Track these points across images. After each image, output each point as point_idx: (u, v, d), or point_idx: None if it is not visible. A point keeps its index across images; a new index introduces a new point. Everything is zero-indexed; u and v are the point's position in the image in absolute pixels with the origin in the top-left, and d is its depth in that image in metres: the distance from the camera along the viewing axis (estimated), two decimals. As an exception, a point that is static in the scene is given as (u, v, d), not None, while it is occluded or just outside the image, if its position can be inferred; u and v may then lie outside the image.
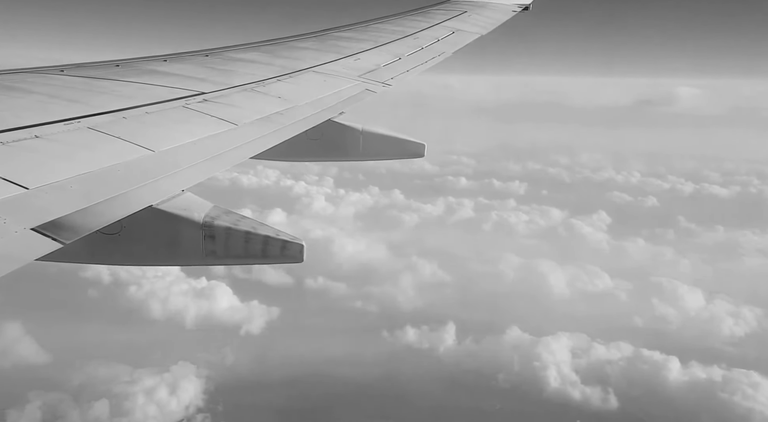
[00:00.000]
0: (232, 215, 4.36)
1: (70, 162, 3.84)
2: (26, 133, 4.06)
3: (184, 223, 4.16)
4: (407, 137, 7.64)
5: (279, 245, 4.34)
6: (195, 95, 5.88)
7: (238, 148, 5.01)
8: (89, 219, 3.30)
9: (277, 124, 5.78)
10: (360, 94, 7.51)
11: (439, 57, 10.00)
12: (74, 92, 5.38)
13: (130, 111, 5.04)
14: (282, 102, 6.41)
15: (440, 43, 10.78)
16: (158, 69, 6.80)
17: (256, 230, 4.31)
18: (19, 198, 3.20)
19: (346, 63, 8.67)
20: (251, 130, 5.43)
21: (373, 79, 8.19)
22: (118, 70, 6.52)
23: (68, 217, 3.20)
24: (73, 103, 5.02)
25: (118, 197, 3.65)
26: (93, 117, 4.68)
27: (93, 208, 3.41)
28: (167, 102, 5.51)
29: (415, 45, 10.38)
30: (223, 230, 4.24)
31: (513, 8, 14.11)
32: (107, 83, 5.88)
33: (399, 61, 9.33)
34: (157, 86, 6.03)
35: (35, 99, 4.98)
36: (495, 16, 13.26)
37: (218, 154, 4.76)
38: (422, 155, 7.67)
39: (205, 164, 4.54)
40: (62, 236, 3.02)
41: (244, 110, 5.86)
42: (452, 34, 11.53)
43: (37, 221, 3.04)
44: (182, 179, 4.24)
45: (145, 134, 4.64)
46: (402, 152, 7.69)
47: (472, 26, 12.32)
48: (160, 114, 5.19)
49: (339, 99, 7.13)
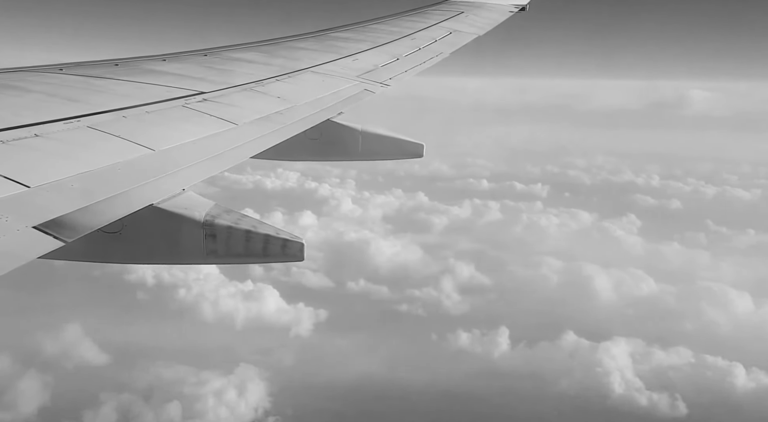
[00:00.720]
0: (233, 214, 4.36)
1: (71, 161, 3.83)
2: (26, 131, 4.05)
3: (185, 222, 4.15)
4: (406, 138, 7.65)
5: (279, 243, 4.34)
6: (194, 95, 5.88)
7: (238, 147, 5.01)
8: (90, 218, 3.30)
9: (277, 123, 5.78)
10: (358, 94, 7.52)
11: (436, 57, 10.01)
12: (74, 91, 5.37)
13: (129, 110, 5.03)
14: (281, 102, 6.42)
15: (438, 44, 10.79)
16: (157, 68, 6.79)
17: (257, 229, 4.32)
18: (20, 196, 3.20)
19: (344, 63, 8.68)
20: (251, 129, 5.43)
21: (372, 79, 8.20)
22: (117, 70, 6.51)
23: (69, 215, 3.20)
24: (72, 102, 5.01)
25: (119, 195, 3.64)
26: (93, 116, 4.67)
27: (94, 207, 3.40)
28: (167, 101, 5.50)
29: (412, 45, 10.39)
30: (224, 228, 4.24)
31: (510, 9, 14.14)
32: (106, 82, 5.87)
33: (397, 61, 9.34)
34: (157, 85, 6.02)
35: (35, 98, 4.97)
36: (492, 17, 13.29)
37: (218, 153, 4.76)
38: (421, 156, 7.67)
39: (206, 164, 4.54)
40: (64, 235, 3.02)
41: (244, 110, 5.86)
42: (449, 34, 11.54)
43: (39, 220, 3.04)
44: (183, 178, 4.24)
45: (145, 133, 4.64)
46: (401, 153, 7.69)
47: (469, 27, 12.34)
48: (159, 113, 5.19)
49: (338, 99, 7.13)
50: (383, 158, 7.78)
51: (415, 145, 7.64)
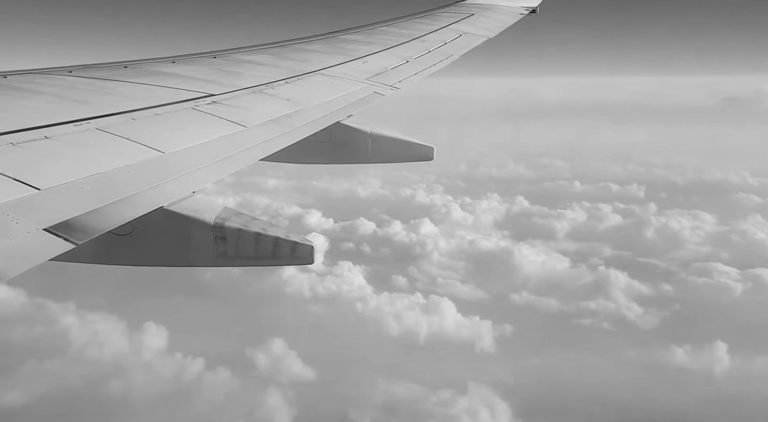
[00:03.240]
0: (243, 217, 4.35)
1: (81, 163, 3.81)
2: (36, 134, 4.04)
3: (195, 224, 4.14)
4: (416, 140, 7.61)
5: (289, 246, 4.32)
6: (204, 97, 5.86)
7: (248, 150, 4.99)
8: (101, 220, 3.28)
9: (286, 126, 5.75)
10: (368, 97, 7.49)
11: (446, 60, 9.98)
12: (83, 93, 5.36)
13: (139, 112, 5.02)
14: (290, 104, 6.39)
15: (448, 46, 10.76)
16: (166, 70, 6.79)
17: (267, 232, 4.30)
18: (31, 199, 3.18)
19: (353, 66, 8.66)
20: (260, 132, 5.41)
21: (381, 81, 8.18)
22: (126, 72, 6.51)
23: (80, 218, 3.18)
24: (81, 104, 5.00)
25: (129, 198, 3.62)
26: (102, 118, 4.66)
27: (104, 209, 3.39)
28: (176, 104, 5.49)
29: (422, 48, 10.36)
30: (234, 231, 4.23)
31: (520, 11, 14.09)
32: (115, 84, 5.86)
33: (407, 64, 9.31)
34: (166, 88, 6.01)
35: (44, 100, 4.97)
36: (502, 19, 13.24)
37: (228, 155, 4.74)
38: (431, 158, 7.63)
39: (216, 166, 4.51)
40: (75, 237, 3.00)
41: (253, 112, 5.84)
42: (459, 37, 11.51)
43: (50, 222, 3.02)
44: (193, 181, 4.22)
45: (154, 135, 4.62)
46: (411, 155, 7.65)
47: (480, 29, 12.30)
48: (169, 115, 5.17)
49: (347, 102, 7.11)
50: (393, 161, 7.75)
51: (425, 148, 7.61)
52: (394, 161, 7.75)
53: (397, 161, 7.73)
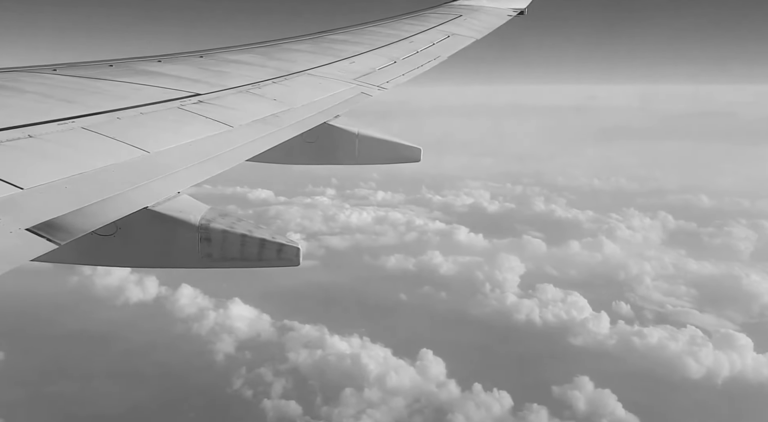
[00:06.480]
0: (228, 218, 4.32)
1: (65, 162, 3.78)
2: (20, 132, 4.00)
3: (180, 225, 4.11)
4: (403, 141, 7.60)
5: (275, 248, 4.30)
6: (190, 96, 5.83)
7: (234, 150, 4.97)
8: (84, 220, 3.25)
9: (273, 126, 5.73)
10: (355, 97, 7.48)
11: (434, 61, 9.98)
12: (67, 92, 5.32)
13: (124, 111, 4.98)
14: (277, 104, 6.37)
15: (435, 47, 10.77)
16: (152, 69, 6.75)
17: (252, 233, 4.27)
18: (13, 198, 3.15)
19: (341, 66, 8.65)
20: (247, 132, 5.39)
21: (369, 82, 8.17)
22: (112, 70, 6.46)
23: (63, 217, 3.15)
24: (66, 103, 4.96)
25: (114, 198, 3.60)
26: (87, 117, 4.62)
27: (88, 209, 3.36)
28: (162, 103, 5.45)
29: (410, 49, 10.36)
30: (219, 232, 4.20)
31: (508, 12, 14.13)
32: (101, 83, 5.82)
33: (394, 64, 9.31)
34: (152, 87, 5.97)
35: (28, 98, 4.92)
36: (490, 20, 13.27)
37: (214, 155, 4.72)
38: (418, 160, 7.61)
39: (201, 166, 4.49)
40: (57, 237, 2.97)
41: (240, 112, 5.82)
42: (447, 38, 11.52)
43: (32, 222, 2.99)
44: (178, 181, 4.19)
45: (139, 134, 4.59)
46: (397, 157, 7.63)
47: (468, 30, 12.32)
48: (154, 115, 5.14)
49: (334, 102, 7.09)
50: (380, 162, 7.73)
51: (412, 149, 7.58)
52: (382, 163, 7.74)
53: (385, 162, 7.71)
